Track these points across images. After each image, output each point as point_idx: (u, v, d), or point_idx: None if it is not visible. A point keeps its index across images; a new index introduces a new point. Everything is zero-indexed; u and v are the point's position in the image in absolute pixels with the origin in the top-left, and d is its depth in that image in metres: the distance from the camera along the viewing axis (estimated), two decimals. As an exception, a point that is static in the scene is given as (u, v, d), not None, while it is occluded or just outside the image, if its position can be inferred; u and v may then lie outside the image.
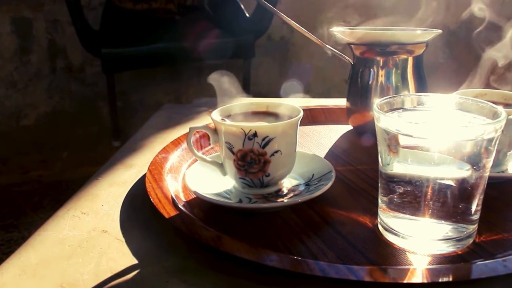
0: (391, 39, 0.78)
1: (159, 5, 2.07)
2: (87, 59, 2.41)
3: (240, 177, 0.62)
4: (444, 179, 0.49)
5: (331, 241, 0.54)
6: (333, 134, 0.88)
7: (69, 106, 2.53)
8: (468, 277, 0.46)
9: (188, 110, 1.05)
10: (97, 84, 2.47)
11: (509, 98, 0.72)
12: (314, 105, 0.99)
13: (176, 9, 2.11)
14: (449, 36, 2.48)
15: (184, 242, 0.54)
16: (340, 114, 0.94)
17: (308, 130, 0.91)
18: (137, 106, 2.43)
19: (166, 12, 2.09)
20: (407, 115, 0.55)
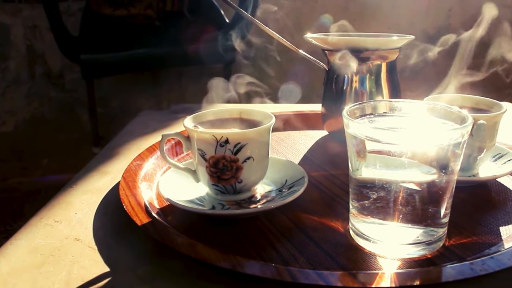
0: (364, 45, 0.79)
1: (138, 11, 2.06)
2: (66, 65, 2.39)
3: (213, 184, 0.62)
4: (413, 183, 0.50)
5: (303, 246, 0.54)
6: (309, 140, 0.89)
7: (49, 112, 2.51)
8: (435, 280, 0.46)
9: (165, 116, 1.05)
10: (76, 90, 2.45)
11: (480, 103, 0.73)
12: (290, 111, 0.99)
13: (155, 15, 2.10)
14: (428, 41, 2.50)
15: (157, 249, 0.54)
16: (316, 119, 0.94)
17: (284, 135, 0.92)
18: (118, 112, 2.42)
19: (145, 18, 2.09)
20: (377, 121, 0.56)
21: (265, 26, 0.82)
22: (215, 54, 2.12)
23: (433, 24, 2.52)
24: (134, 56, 2.00)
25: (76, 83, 2.40)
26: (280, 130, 0.94)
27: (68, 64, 2.30)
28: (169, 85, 2.49)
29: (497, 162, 0.73)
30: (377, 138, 0.49)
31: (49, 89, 2.50)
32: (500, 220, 0.61)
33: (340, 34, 0.85)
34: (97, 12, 2.10)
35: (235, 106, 0.69)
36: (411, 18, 2.48)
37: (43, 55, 2.47)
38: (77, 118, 2.43)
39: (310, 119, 0.97)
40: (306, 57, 0.85)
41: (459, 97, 0.74)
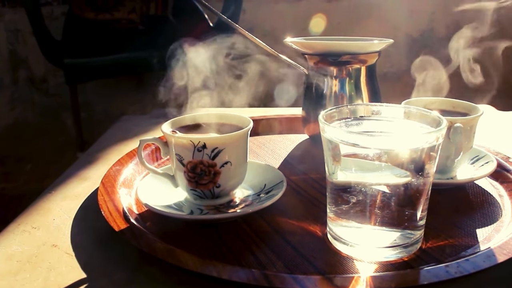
0: (343, 49, 0.79)
1: (122, 15, 2.06)
2: (49, 69, 2.38)
3: (191, 189, 0.62)
4: (389, 186, 0.50)
5: (280, 250, 0.54)
6: (289, 144, 0.89)
7: (32, 117, 2.49)
8: (410, 283, 0.47)
9: (146, 122, 1.05)
10: (60, 95, 2.44)
11: (457, 106, 0.73)
12: (271, 115, 0.99)
13: (139, 19, 2.10)
14: (412, 44, 2.52)
15: (134, 255, 0.54)
16: (297, 123, 0.95)
17: (265, 139, 0.92)
18: (102, 116, 2.40)
19: (129, 22, 2.08)
20: (353, 124, 0.56)
21: (245, 31, 0.82)
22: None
23: (417, 28, 2.54)
24: (118, 61, 1.99)
25: (60, 87, 2.39)
26: (261, 134, 0.95)
27: (52, 68, 2.29)
28: (153, 89, 2.48)
29: (475, 165, 0.73)
30: (352, 142, 0.49)
31: (32, 93, 2.49)
32: (477, 222, 0.61)
33: (319, 38, 0.86)
34: (80, 16, 2.09)
35: (214, 111, 0.69)
36: (394, 22, 2.50)
37: (26, 60, 2.45)
38: (61, 123, 2.42)
39: (291, 123, 0.97)
40: (286, 62, 0.85)
41: (437, 100, 0.75)
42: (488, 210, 0.64)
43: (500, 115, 1.13)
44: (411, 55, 2.47)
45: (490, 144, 0.83)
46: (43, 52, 2.03)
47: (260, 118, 0.98)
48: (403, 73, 2.42)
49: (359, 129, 0.56)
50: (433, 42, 2.45)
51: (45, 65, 2.33)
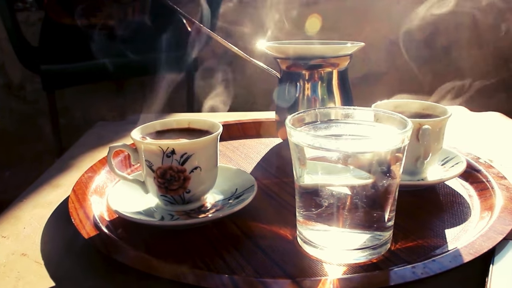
0: (314, 53, 0.80)
1: (99, 21, 2.04)
2: (27, 76, 2.35)
3: (161, 195, 0.62)
4: (355, 189, 0.50)
5: (250, 255, 0.55)
6: (263, 147, 0.89)
7: (10, 124, 2.46)
8: (376, 285, 0.47)
9: (121, 128, 1.04)
10: (38, 102, 2.41)
11: (427, 108, 0.74)
12: (245, 119, 1.00)
13: (116, 24, 2.09)
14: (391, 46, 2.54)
15: (104, 263, 0.54)
16: (271, 127, 0.95)
17: (239, 144, 0.92)
18: (81, 123, 2.38)
19: (106, 28, 2.07)
20: (320, 128, 0.56)
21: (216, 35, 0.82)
22: (177, 63, 2.12)
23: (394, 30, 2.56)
24: (96, 66, 1.98)
25: (38, 94, 2.36)
26: (235, 138, 0.95)
27: (29, 75, 2.27)
28: (132, 95, 2.47)
29: (446, 166, 0.74)
30: (317, 145, 0.49)
31: (9, 100, 2.46)
32: (446, 223, 0.62)
33: (292, 42, 0.86)
34: (56, 22, 2.07)
35: (185, 116, 0.69)
36: (373, 24, 2.52)
37: (3, 66, 2.43)
38: (39, 129, 2.39)
39: (264, 126, 0.97)
40: (258, 66, 0.85)
41: (407, 103, 0.75)
42: (458, 210, 0.65)
43: (473, 116, 1.15)
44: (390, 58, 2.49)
45: (462, 145, 0.84)
46: (20, 58, 2.01)
47: (234, 123, 0.98)
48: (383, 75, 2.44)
49: (328, 132, 0.56)
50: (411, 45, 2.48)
51: (22, 71, 2.30)
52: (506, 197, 0.64)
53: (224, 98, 0.91)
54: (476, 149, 0.85)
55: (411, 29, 2.48)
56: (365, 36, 2.49)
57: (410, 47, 2.69)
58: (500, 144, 0.95)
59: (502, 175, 0.71)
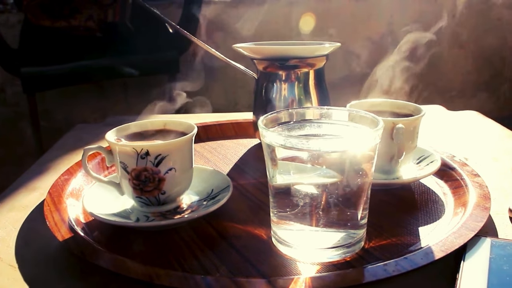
0: (290, 53, 0.80)
1: (79, 23, 2.03)
2: (7, 78, 2.33)
3: (136, 196, 0.62)
4: (328, 188, 0.51)
5: (225, 255, 0.55)
6: (241, 148, 0.89)
7: (-10, 128, 2.45)
8: (348, 283, 0.47)
9: (100, 130, 1.03)
10: (18, 104, 2.39)
11: (402, 107, 0.75)
12: (223, 120, 1.00)
13: (96, 26, 2.08)
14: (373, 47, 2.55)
15: (79, 265, 0.54)
16: (249, 128, 0.95)
17: (217, 145, 0.92)
18: (62, 125, 2.36)
19: (86, 30, 2.06)
20: (295, 128, 0.57)
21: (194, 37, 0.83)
22: (159, 65, 2.12)
23: (376, 30, 2.58)
24: (77, 69, 1.97)
25: (18, 97, 2.34)
26: (213, 139, 0.95)
27: (9, 77, 2.25)
28: (114, 97, 2.46)
29: (421, 164, 0.75)
30: (289, 145, 0.49)
31: (-11, 104, 2.44)
32: (420, 221, 0.62)
33: (267, 43, 0.86)
34: (36, 25, 2.06)
35: (161, 118, 0.69)
36: (354, 25, 2.53)
37: (-17, 69, 2.41)
38: (20, 132, 2.37)
39: (243, 127, 0.97)
40: (236, 67, 0.85)
41: (382, 102, 0.76)
42: (432, 208, 0.66)
43: (450, 115, 1.16)
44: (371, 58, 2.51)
45: (438, 144, 0.85)
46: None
47: (213, 124, 0.98)
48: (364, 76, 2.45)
49: (301, 132, 0.56)
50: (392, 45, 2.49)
51: (2, 74, 2.28)
52: (479, 195, 0.65)
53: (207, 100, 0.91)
54: (452, 147, 0.86)
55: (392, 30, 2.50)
56: (345, 36, 2.51)
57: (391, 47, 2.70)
58: (476, 143, 0.96)
59: (476, 173, 0.72)
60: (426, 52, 2.58)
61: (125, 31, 2.13)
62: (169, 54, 2.08)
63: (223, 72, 2.30)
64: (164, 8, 2.35)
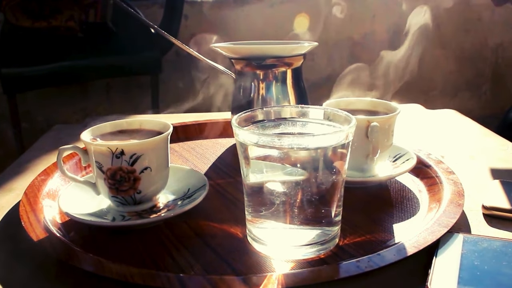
0: (267, 52, 0.80)
1: (59, 23, 2.02)
2: (-13, 80, 2.31)
3: (112, 196, 0.62)
4: (300, 186, 0.51)
5: (200, 253, 0.55)
6: (219, 148, 0.90)
7: (-30, 130, 2.42)
8: (321, 279, 0.48)
9: (79, 130, 1.02)
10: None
11: (378, 106, 0.75)
12: (202, 120, 1.00)
13: (77, 26, 2.06)
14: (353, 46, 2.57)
15: (54, 265, 0.54)
16: (227, 127, 0.95)
17: (195, 144, 0.92)
18: (44, 126, 2.35)
19: (67, 30, 2.04)
20: (270, 127, 0.57)
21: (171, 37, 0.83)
22: (141, 65, 2.11)
23: (359, 30, 2.59)
24: (58, 69, 1.96)
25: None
26: (192, 139, 0.95)
27: (-11, 78, 2.23)
28: (97, 97, 2.45)
29: (397, 162, 0.76)
30: (262, 144, 0.50)
31: (-31, 105, 2.42)
32: (395, 218, 0.63)
33: (245, 42, 0.87)
34: (15, 25, 2.04)
35: (138, 117, 0.69)
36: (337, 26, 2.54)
37: (-38, 71, 2.38)
38: (1, 134, 2.35)
39: (221, 127, 0.98)
40: (214, 67, 0.85)
41: (358, 101, 0.77)
42: (407, 205, 0.67)
43: (428, 114, 1.17)
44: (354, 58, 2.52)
45: (416, 142, 0.86)
46: (-21, 62, 1.97)
47: (191, 123, 0.98)
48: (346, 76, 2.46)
49: (275, 131, 0.57)
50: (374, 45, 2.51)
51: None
52: (453, 191, 0.66)
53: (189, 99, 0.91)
54: (429, 145, 0.87)
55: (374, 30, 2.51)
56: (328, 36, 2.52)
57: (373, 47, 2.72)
58: (453, 141, 0.97)
59: (451, 170, 0.73)
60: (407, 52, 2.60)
61: (107, 31, 2.12)
62: (151, 54, 2.08)
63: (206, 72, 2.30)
64: (146, 8, 2.34)
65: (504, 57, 2.73)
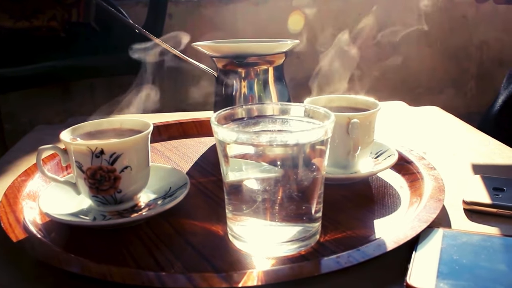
0: (248, 51, 0.80)
1: (41, 23, 2.00)
2: (-31, 81, 2.29)
3: (93, 195, 0.61)
4: (280, 183, 0.51)
5: (181, 252, 0.55)
6: (202, 147, 0.90)
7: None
8: (301, 275, 0.48)
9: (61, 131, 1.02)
10: (-19, 107, 2.36)
11: (359, 102, 0.76)
12: (185, 119, 1.00)
13: (60, 26, 2.05)
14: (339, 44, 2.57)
15: (34, 266, 0.53)
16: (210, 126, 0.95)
17: (178, 143, 0.92)
18: (27, 128, 2.33)
19: (49, 30, 2.03)
20: (250, 124, 0.57)
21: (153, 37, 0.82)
22: (125, 65, 2.10)
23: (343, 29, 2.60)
24: (41, 70, 1.94)
25: (-20, 99, 2.31)
26: (175, 138, 0.95)
27: (-29, 80, 2.21)
28: (80, 98, 2.43)
29: (379, 158, 0.76)
30: (240, 141, 0.50)
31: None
32: (376, 214, 0.64)
33: (227, 41, 0.87)
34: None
35: (119, 117, 0.69)
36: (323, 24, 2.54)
37: None
38: (-16, 136, 2.34)
39: (204, 126, 0.97)
40: (196, 66, 0.85)
41: (339, 98, 0.77)
42: (388, 201, 0.67)
43: (411, 110, 1.18)
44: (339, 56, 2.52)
45: (398, 138, 0.86)
46: (-40, 63, 1.96)
47: (174, 123, 0.98)
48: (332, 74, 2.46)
49: (255, 128, 0.57)
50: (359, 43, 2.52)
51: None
52: (434, 187, 0.66)
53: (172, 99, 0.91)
54: (412, 142, 0.88)
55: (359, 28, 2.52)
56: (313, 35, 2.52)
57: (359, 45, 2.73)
58: (435, 137, 0.98)
59: (432, 166, 0.73)
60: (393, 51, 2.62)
61: (90, 31, 2.11)
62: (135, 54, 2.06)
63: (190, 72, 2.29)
64: (130, 7, 2.33)
65: (489, 55, 2.75)
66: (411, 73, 2.71)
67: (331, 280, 0.49)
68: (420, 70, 2.73)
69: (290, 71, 0.89)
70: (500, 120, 1.18)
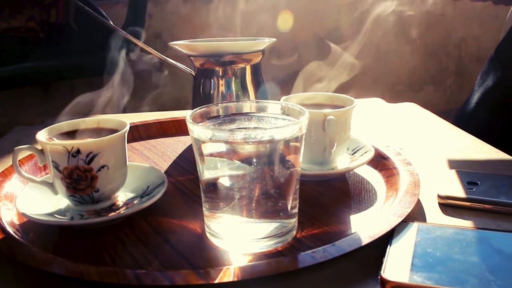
0: (225, 49, 0.81)
1: (19, 24, 1.99)
2: None
3: (70, 195, 0.61)
4: (255, 180, 0.52)
5: (158, 250, 0.55)
6: (181, 145, 0.90)
7: None
8: (277, 271, 0.48)
9: (39, 131, 1.02)
10: (-40, 109, 2.33)
11: (335, 100, 0.76)
12: (164, 118, 1.00)
13: (38, 27, 2.04)
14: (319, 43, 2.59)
15: (12, 267, 0.53)
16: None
17: (156, 142, 0.92)
18: (7, 129, 2.31)
19: (28, 31, 2.02)
20: (225, 122, 0.57)
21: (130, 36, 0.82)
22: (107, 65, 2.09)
23: (323, 27, 2.61)
24: (20, 71, 1.93)
25: (-41, 101, 2.28)
26: (154, 137, 0.95)
27: (-51, 82, 2.18)
28: (61, 99, 2.41)
29: (356, 155, 0.77)
30: (215, 139, 0.50)
31: None
32: (352, 209, 0.64)
33: (204, 40, 0.87)
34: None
35: (96, 117, 0.69)
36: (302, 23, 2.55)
37: None
38: (-37, 138, 2.30)
39: (183, 125, 0.97)
40: (173, 65, 0.85)
41: (316, 95, 0.78)
42: (365, 197, 0.68)
43: (389, 107, 1.19)
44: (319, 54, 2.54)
45: (376, 135, 0.87)
46: None
47: (153, 122, 0.98)
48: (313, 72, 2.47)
49: (231, 126, 0.57)
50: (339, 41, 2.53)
51: None
52: (409, 182, 0.67)
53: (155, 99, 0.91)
54: (389, 138, 0.89)
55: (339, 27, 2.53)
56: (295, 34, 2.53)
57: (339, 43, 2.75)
58: (412, 133, 0.99)
59: (408, 162, 0.74)
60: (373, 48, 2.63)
61: (69, 32, 2.09)
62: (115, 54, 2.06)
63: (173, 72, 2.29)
64: (109, 7, 2.32)
65: (467, 52, 2.79)
66: (391, 71, 2.73)
67: (307, 275, 0.50)
68: (400, 68, 2.75)
69: (270, 70, 0.90)
70: (475, 116, 1.19)
